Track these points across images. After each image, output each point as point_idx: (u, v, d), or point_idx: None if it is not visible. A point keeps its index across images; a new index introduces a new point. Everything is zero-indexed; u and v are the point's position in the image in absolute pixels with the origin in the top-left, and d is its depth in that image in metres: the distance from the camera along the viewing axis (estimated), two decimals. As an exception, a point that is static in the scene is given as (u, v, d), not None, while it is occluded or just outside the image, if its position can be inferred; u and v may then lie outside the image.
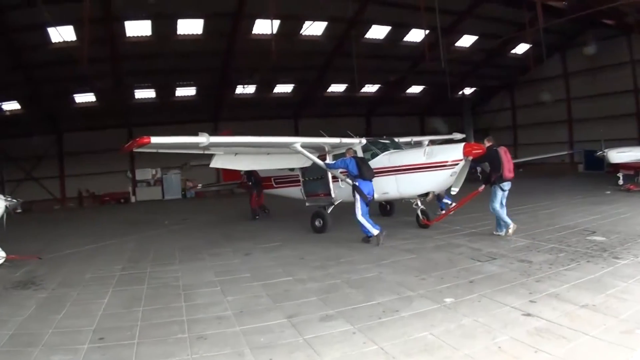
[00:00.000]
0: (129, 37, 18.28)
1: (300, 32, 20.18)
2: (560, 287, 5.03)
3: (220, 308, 5.41)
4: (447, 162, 9.10)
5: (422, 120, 32.50)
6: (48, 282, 7.39)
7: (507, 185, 8.44)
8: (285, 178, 12.44)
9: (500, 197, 8.41)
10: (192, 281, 6.85)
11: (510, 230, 8.29)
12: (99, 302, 6.00)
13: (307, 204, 11.19)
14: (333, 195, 10.69)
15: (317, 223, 10.54)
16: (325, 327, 4.51)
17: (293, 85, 26.06)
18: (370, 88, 27.55)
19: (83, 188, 25.96)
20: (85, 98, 22.23)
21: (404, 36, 22.24)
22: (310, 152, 9.95)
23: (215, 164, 10.09)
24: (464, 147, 8.98)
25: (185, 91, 24.72)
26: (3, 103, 21.52)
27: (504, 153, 8.50)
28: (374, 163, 10.01)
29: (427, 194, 9.59)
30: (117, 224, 15.47)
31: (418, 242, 8.51)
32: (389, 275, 6.25)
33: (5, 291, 6.95)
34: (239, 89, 24.85)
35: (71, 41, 16.36)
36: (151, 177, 27.90)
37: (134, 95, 23.90)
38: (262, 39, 18.82)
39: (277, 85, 25.66)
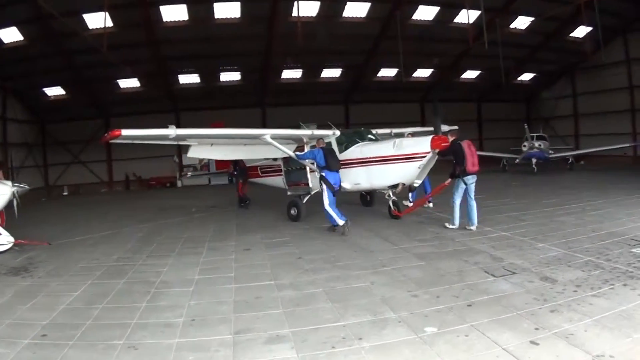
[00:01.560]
0: (166, 22, 18.40)
1: (342, 14, 19.28)
2: (578, 322, 3.94)
3: (176, 314, 5.00)
4: (415, 154, 9.37)
5: (479, 107, 30.74)
6: (40, 269, 7.50)
7: (470, 179, 8.60)
8: (270, 167, 12.88)
9: (462, 190, 8.59)
10: (172, 278, 6.57)
11: (472, 228, 8.53)
12: (69, 295, 5.91)
13: (288, 193, 11.52)
14: (310, 185, 11.05)
15: (292, 212, 11.00)
16: (265, 351, 3.91)
17: (341, 69, 25.36)
18: (422, 73, 26.31)
19: (130, 172, 26.93)
20: (129, 83, 22.86)
21: (454, 17, 20.74)
22: (288, 143, 10.28)
23: (192, 154, 10.69)
24: (432, 140, 9.14)
25: (229, 76, 24.82)
26: (47, 88, 22.71)
27: (468, 147, 8.57)
28: (347, 154, 10.43)
29: (396, 186, 9.84)
30: (147, 209, 15.82)
31: (435, 245, 7.57)
32: (379, 288, 5.43)
33: None
34: (286, 74, 24.42)
35: (107, 27, 16.70)
36: (198, 162, 28.43)
37: (178, 80, 24.28)
38: (303, 22, 18.25)
39: (325, 69, 25.09)
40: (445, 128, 12.79)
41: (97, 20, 16.20)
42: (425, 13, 20.31)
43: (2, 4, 14.73)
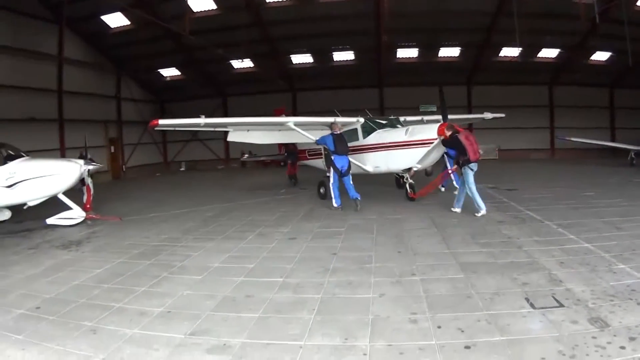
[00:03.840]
0: (269, 2, 18.89)
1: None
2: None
3: (160, 303, 5.06)
4: (424, 140, 10.46)
5: (611, 93, 26.21)
6: (90, 244, 8.42)
7: (475, 166, 9.46)
8: (315, 151, 14.01)
9: (472, 176, 9.40)
10: (194, 264, 6.72)
11: (457, 210, 9.68)
12: (91, 272, 6.43)
13: (326, 174, 12.01)
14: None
15: (321, 191, 12.47)
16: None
17: (460, 48, 23.62)
18: (548, 53, 23.35)
19: (246, 150, 28.80)
20: (242, 64, 24.21)
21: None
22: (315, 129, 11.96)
23: (231, 138, 12.19)
24: (439, 127, 10.08)
25: (343, 55, 24.75)
26: (162, 70, 25.30)
27: (465, 138, 9.47)
28: (369, 140, 11.97)
29: (409, 169, 11.09)
30: (241, 188, 16.91)
31: (494, 253, 6.35)
32: (383, 303, 4.68)
33: (45, 248, 8.20)
34: (401, 53, 23.55)
35: (211, 10, 17.79)
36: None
37: (291, 61, 24.94)
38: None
39: (442, 48, 23.63)
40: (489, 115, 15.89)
41: (200, 3, 17.33)
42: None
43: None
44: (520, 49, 18.78)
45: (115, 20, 19.60)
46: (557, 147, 25.89)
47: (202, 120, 10.76)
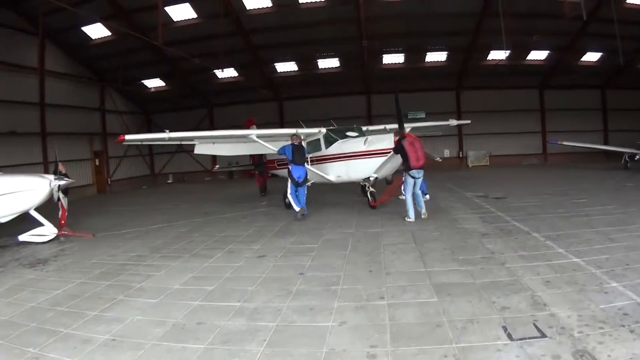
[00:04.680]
0: (250, 9, 18.79)
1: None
2: None
3: (108, 329, 4.76)
4: (382, 150, 10.85)
5: (603, 94, 26.13)
6: (57, 263, 8.09)
7: (416, 174, 9.71)
8: (283, 161, 13.83)
9: (411, 184, 9.77)
10: (153, 285, 6.35)
11: (423, 216, 9.84)
12: (49, 293, 6.19)
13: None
14: (308, 176, 12.11)
15: (286, 201, 12.33)
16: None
17: (446, 53, 23.45)
18: (537, 55, 23.34)
19: (233, 161, 28.44)
20: (226, 73, 23.94)
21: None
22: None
23: (198, 150, 12.41)
24: (394, 137, 10.38)
25: (328, 63, 24.54)
26: (146, 80, 25.03)
27: (410, 144, 9.67)
28: (330, 150, 12.33)
29: (369, 179, 11.41)
30: (222, 200, 16.63)
31: (474, 271, 5.89)
32: (342, 333, 4.28)
33: (13, 267, 7.93)
34: (387, 59, 23.37)
35: (191, 19, 17.51)
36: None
37: (276, 69, 24.67)
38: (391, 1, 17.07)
39: (428, 53, 23.48)
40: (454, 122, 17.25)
41: (180, 12, 17.07)
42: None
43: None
44: (508, 51, 18.63)
45: (96, 31, 19.35)
46: (550, 151, 25.70)
47: (166, 135, 11.15)
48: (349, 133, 12.79)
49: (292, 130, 12.24)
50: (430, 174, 13.30)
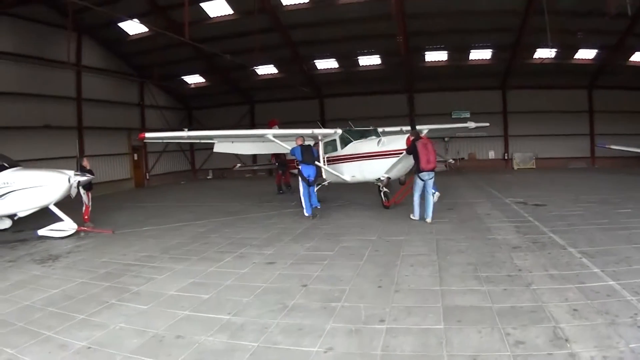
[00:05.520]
0: (286, 5, 18.51)
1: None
2: None
3: (89, 335, 4.64)
4: (395, 150, 10.98)
5: None
6: (67, 260, 8.09)
7: (425, 176, 9.69)
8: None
9: (420, 186, 9.80)
10: (151, 290, 6.14)
11: (428, 220, 9.74)
12: (49, 291, 6.17)
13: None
14: (324, 175, 12.88)
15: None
16: None
17: (491, 50, 22.28)
18: (585, 54, 21.74)
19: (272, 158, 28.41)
20: (266, 70, 23.83)
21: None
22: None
23: (217, 149, 12.74)
24: (407, 138, 10.45)
25: (369, 60, 23.94)
26: (186, 77, 25.33)
27: (423, 146, 9.66)
28: (346, 150, 12.61)
29: (380, 179, 11.61)
30: (249, 200, 16.20)
31: (495, 293, 5.20)
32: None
33: (23, 262, 7.99)
34: (430, 56, 22.89)
35: (227, 14, 17.45)
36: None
37: (315, 66, 24.34)
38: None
39: (472, 51, 22.43)
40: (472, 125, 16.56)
41: (215, 8, 17.02)
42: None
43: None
44: (555, 50, 17.36)
45: (133, 27, 19.65)
46: (598, 155, 23.95)
47: (185, 133, 11.53)
48: (363, 134, 13.01)
49: (308, 131, 12.63)
50: (470, 176, 12.52)
